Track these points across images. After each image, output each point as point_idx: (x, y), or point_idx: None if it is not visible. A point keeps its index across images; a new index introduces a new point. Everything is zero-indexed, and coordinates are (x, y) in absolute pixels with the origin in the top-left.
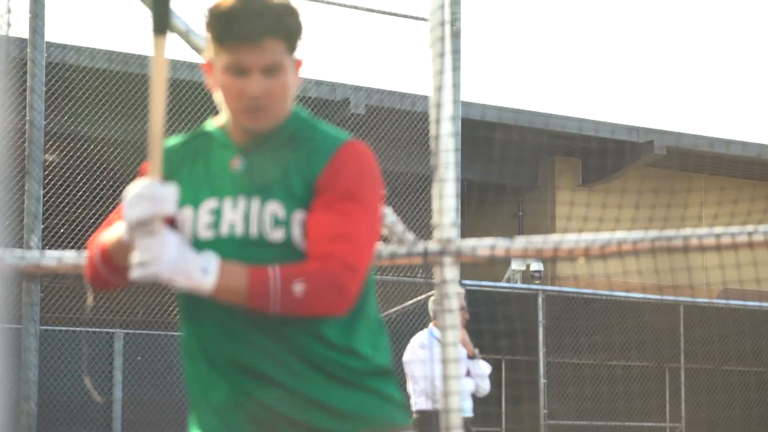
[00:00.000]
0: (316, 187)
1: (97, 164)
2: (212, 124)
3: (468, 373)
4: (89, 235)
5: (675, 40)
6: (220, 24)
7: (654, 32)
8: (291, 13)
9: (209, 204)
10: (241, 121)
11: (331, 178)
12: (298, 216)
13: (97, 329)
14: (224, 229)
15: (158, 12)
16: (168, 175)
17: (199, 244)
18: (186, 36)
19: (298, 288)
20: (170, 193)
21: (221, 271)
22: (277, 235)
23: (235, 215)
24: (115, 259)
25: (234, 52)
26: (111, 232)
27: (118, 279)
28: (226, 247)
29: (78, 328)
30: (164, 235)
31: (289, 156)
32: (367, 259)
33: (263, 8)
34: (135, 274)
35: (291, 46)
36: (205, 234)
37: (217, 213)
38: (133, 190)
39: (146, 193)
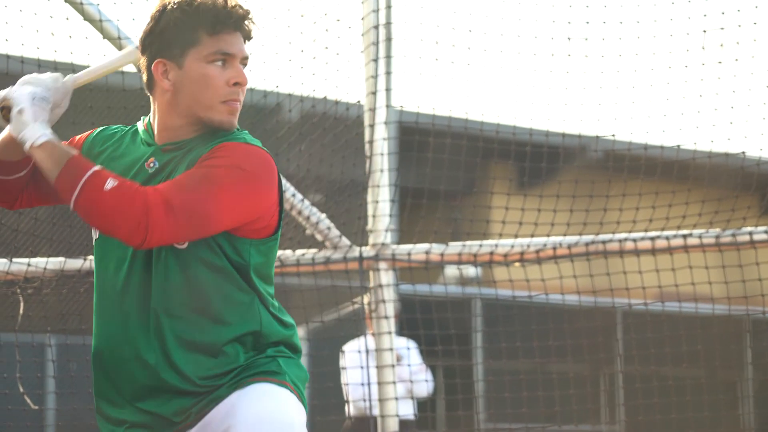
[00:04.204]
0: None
1: None
2: (142, 123)
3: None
4: (20, 242)
5: (607, 43)
6: (217, 11)
7: (585, 35)
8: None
9: None
10: (216, 116)
11: (202, 157)
12: None
13: (29, 336)
14: None
15: None
16: (88, 155)
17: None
18: (117, 42)
19: (110, 184)
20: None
21: (60, 143)
22: None
23: None
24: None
25: (224, 41)
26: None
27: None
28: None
29: (8, 336)
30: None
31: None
32: (193, 210)
33: (245, 6)
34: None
35: None
36: None
37: None
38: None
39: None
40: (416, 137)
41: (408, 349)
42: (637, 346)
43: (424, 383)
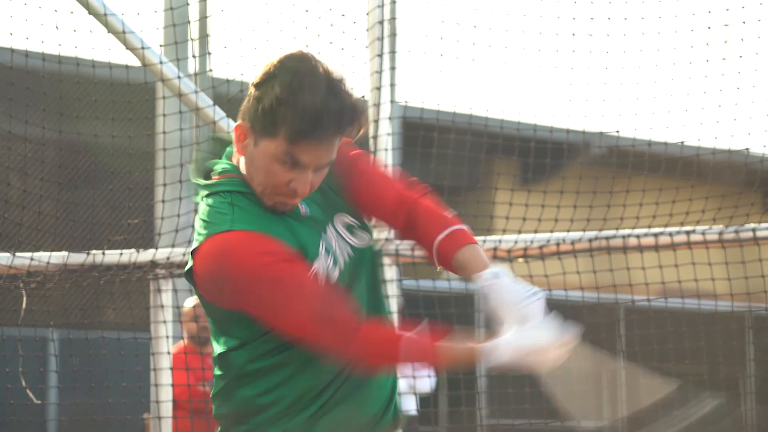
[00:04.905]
0: (346, 184)
1: (32, 164)
2: (235, 185)
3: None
4: (23, 236)
5: (612, 39)
6: (305, 121)
7: (590, 32)
8: (361, 114)
9: (321, 248)
10: (267, 202)
11: (357, 170)
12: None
13: (32, 331)
14: (341, 261)
15: None
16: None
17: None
18: (121, 36)
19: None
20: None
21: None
22: (362, 237)
23: (336, 245)
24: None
25: (299, 149)
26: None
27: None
28: (350, 271)
29: (11, 330)
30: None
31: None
32: None
33: (345, 108)
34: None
35: None
36: (335, 274)
37: (328, 251)
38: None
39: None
40: (420, 133)
41: None
42: (640, 343)
43: (426, 379)
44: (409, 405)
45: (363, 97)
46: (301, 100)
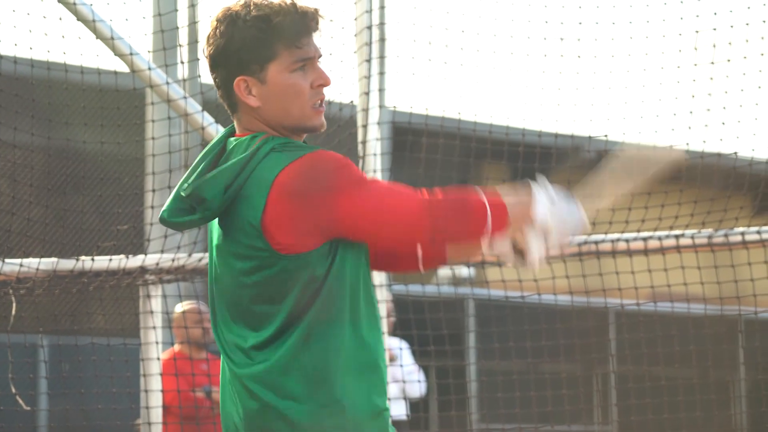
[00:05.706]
0: None
1: (21, 171)
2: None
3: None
4: (12, 243)
5: (600, 44)
6: (293, 25)
7: (578, 36)
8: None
9: None
10: (309, 122)
11: None
12: None
13: (21, 337)
14: None
15: None
16: None
17: None
18: (110, 42)
19: None
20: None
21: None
22: None
23: None
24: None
25: (302, 45)
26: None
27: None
28: None
29: (0, 336)
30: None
31: None
32: None
33: (313, 4)
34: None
35: None
36: None
37: None
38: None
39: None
40: (409, 137)
41: (401, 349)
42: (630, 347)
43: (416, 384)
44: (399, 410)
45: (351, 102)
46: (275, 9)
